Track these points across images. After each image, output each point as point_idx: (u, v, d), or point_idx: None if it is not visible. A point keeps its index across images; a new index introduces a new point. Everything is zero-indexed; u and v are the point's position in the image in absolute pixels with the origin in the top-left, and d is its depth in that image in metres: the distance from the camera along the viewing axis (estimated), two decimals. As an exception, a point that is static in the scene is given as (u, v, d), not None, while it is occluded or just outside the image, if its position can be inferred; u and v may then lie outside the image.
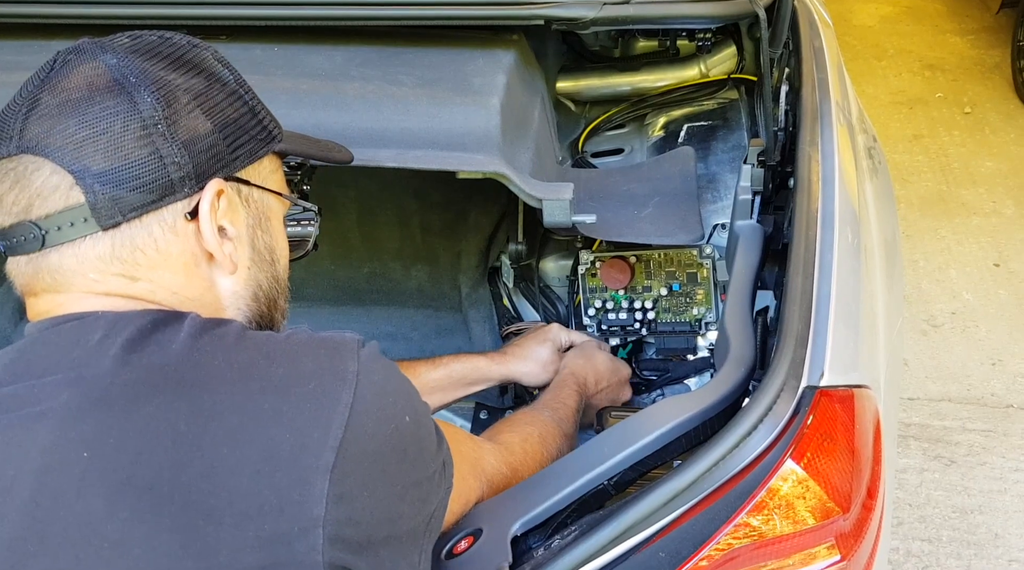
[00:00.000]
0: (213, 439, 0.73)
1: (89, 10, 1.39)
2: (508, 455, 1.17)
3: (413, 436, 0.82)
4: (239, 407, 0.75)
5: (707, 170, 1.74)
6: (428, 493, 0.84)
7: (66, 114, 0.80)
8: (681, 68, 1.88)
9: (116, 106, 0.80)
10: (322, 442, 0.74)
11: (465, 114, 1.32)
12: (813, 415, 0.91)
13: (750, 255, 1.27)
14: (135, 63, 0.83)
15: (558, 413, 1.32)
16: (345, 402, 0.76)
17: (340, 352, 0.80)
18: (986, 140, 4.38)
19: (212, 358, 0.77)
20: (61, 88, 0.81)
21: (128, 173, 0.80)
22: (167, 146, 0.82)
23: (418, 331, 1.87)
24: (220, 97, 0.87)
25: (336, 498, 0.73)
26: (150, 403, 0.74)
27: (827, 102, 1.41)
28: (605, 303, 1.65)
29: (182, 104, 0.83)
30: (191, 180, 0.83)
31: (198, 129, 0.84)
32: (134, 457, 0.72)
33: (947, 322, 3.24)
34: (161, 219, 0.83)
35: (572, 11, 1.40)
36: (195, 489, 0.71)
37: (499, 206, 1.72)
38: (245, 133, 0.89)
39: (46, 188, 0.80)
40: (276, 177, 0.95)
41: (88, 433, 0.74)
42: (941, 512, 2.52)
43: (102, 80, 0.81)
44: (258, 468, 0.72)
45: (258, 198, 0.91)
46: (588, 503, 0.99)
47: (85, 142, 0.79)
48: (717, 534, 0.88)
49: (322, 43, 1.43)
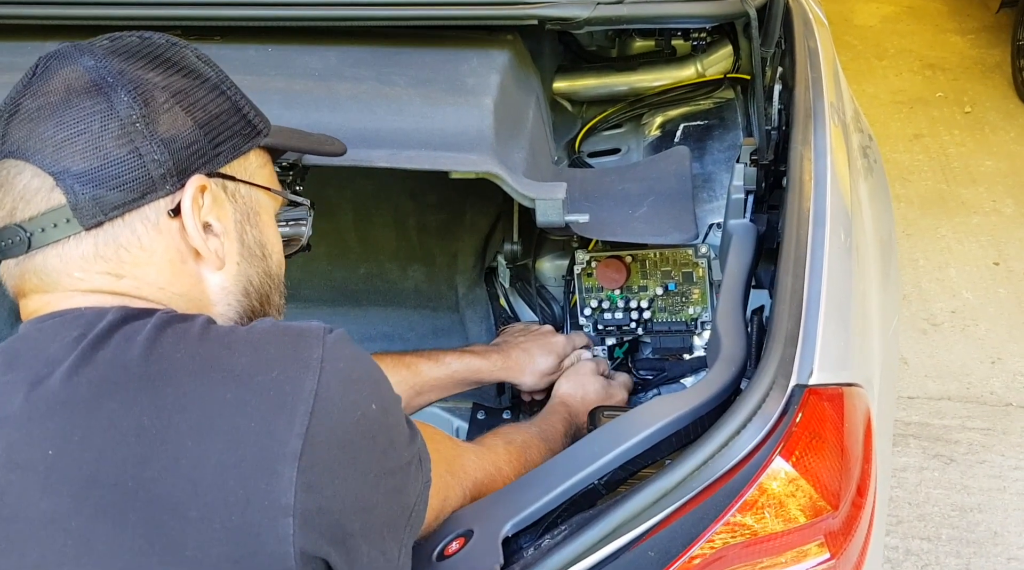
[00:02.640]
0: (177, 432, 0.73)
1: (81, 11, 1.40)
2: (490, 455, 1.16)
3: (381, 424, 0.81)
4: (201, 399, 0.74)
5: (703, 169, 1.74)
6: (403, 484, 0.83)
7: (45, 117, 0.81)
8: (677, 68, 1.88)
9: (93, 107, 0.81)
10: (287, 430, 0.73)
11: (458, 114, 1.32)
12: (802, 413, 0.91)
13: (743, 254, 1.27)
14: (112, 64, 0.84)
15: (545, 432, 1.32)
16: (309, 389, 0.75)
17: (304, 339, 0.79)
18: (986, 139, 4.38)
19: (174, 351, 0.77)
20: (41, 92, 0.82)
21: (108, 172, 0.81)
22: (146, 144, 0.82)
23: (415, 331, 1.87)
24: (200, 94, 0.87)
25: (305, 486, 0.72)
26: (113, 399, 0.74)
27: (820, 101, 1.41)
28: (601, 303, 1.65)
29: (160, 102, 0.84)
30: (172, 177, 0.84)
31: (178, 126, 0.84)
32: (98, 454, 0.72)
33: (947, 321, 3.24)
34: (144, 217, 0.83)
35: (565, 11, 1.40)
36: (160, 483, 0.71)
37: (495, 206, 1.72)
38: (228, 128, 0.89)
39: (28, 191, 0.81)
40: (264, 172, 0.95)
41: (53, 431, 0.74)
42: (940, 510, 2.52)
43: (80, 82, 0.82)
44: (222, 459, 0.72)
45: (245, 193, 0.91)
46: (579, 503, 0.99)
47: (64, 143, 0.80)
48: (706, 532, 0.88)
49: (316, 43, 1.43)
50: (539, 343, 1.55)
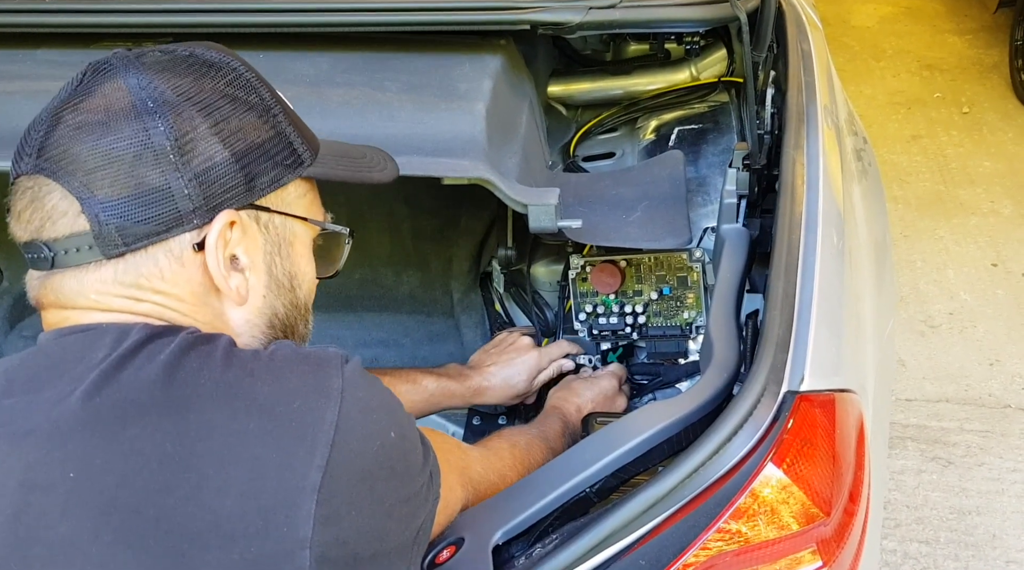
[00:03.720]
0: (200, 460, 0.72)
1: (70, 19, 1.40)
2: (496, 461, 1.16)
3: (399, 451, 0.81)
4: (225, 427, 0.74)
5: (697, 173, 1.73)
6: (416, 508, 0.83)
7: (81, 138, 0.80)
8: (672, 71, 1.88)
9: (130, 133, 0.80)
10: (308, 462, 0.73)
11: (450, 120, 1.32)
12: (793, 420, 0.91)
13: (735, 259, 1.27)
14: (157, 85, 0.81)
15: (544, 432, 1.32)
16: (330, 420, 0.75)
17: (324, 369, 0.79)
18: (984, 140, 4.38)
19: (198, 377, 0.76)
20: (82, 108, 0.81)
21: (135, 204, 0.80)
22: (178, 178, 0.80)
23: (410, 337, 1.87)
24: (244, 121, 0.84)
25: (323, 519, 0.72)
26: (136, 424, 0.74)
27: (813, 104, 1.41)
28: (596, 308, 1.65)
29: (199, 132, 0.81)
30: (201, 211, 0.82)
31: (214, 158, 0.82)
32: (120, 479, 0.72)
33: (945, 322, 3.24)
34: (168, 250, 0.82)
35: (558, 16, 1.40)
36: (181, 512, 0.71)
37: (489, 211, 1.72)
38: (269, 159, 0.86)
39: (55, 212, 0.80)
40: (304, 201, 0.92)
41: (75, 453, 0.73)
42: (939, 513, 2.51)
43: (120, 103, 0.81)
44: (244, 489, 0.72)
45: (279, 224, 0.88)
46: (571, 511, 0.99)
47: (95, 170, 0.79)
48: (697, 540, 0.87)
49: (307, 50, 1.43)
50: (511, 363, 1.56)
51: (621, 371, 1.59)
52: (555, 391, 1.53)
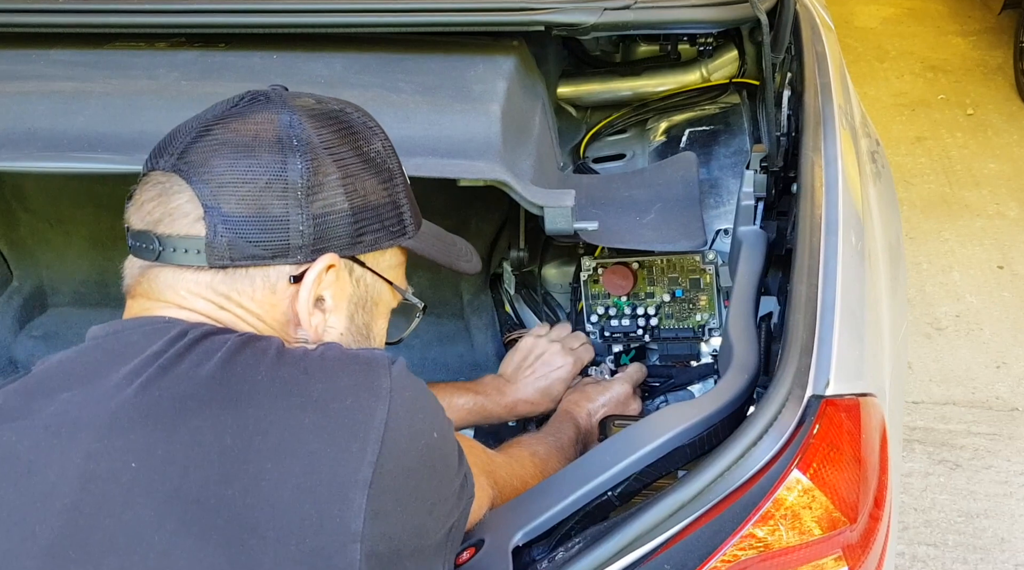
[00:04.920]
0: (258, 453, 0.75)
1: (85, 19, 1.39)
2: (519, 468, 1.18)
3: (440, 452, 0.84)
4: (282, 422, 0.76)
5: (709, 175, 1.73)
6: (454, 507, 0.86)
7: (224, 153, 0.85)
8: (683, 72, 1.87)
9: (269, 162, 0.85)
10: (360, 457, 0.75)
11: (465, 121, 1.31)
12: (819, 424, 0.90)
13: (753, 261, 1.26)
14: (304, 127, 0.87)
15: (560, 440, 1.34)
16: (380, 418, 0.77)
17: (373, 368, 0.82)
18: (989, 142, 4.37)
19: (254, 372, 0.79)
20: (233, 128, 0.86)
21: (253, 225, 0.84)
22: (298, 213, 0.85)
23: (419, 338, 1.86)
24: (368, 181, 0.90)
25: (373, 514, 0.74)
26: (197, 416, 0.76)
27: (830, 106, 1.40)
28: (608, 310, 1.64)
29: (329, 179, 0.87)
30: (307, 250, 0.86)
31: (334, 206, 0.87)
32: (182, 470, 0.74)
33: (951, 325, 3.23)
34: (266, 275, 0.87)
35: (572, 17, 1.39)
36: (240, 503, 0.73)
37: (500, 212, 1.71)
38: (378, 221, 0.91)
39: (179, 211, 0.85)
40: (397, 269, 0.98)
41: (136, 443, 0.76)
42: (947, 516, 2.51)
43: (269, 134, 0.86)
44: (300, 482, 0.74)
45: (370, 282, 0.94)
46: (592, 515, 0.98)
47: (229, 185, 0.84)
48: (723, 546, 0.87)
49: (321, 51, 1.43)
50: (548, 376, 1.53)
51: (639, 373, 1.58)
52: (568, 394, 1.52)
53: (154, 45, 1.45)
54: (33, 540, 0.74)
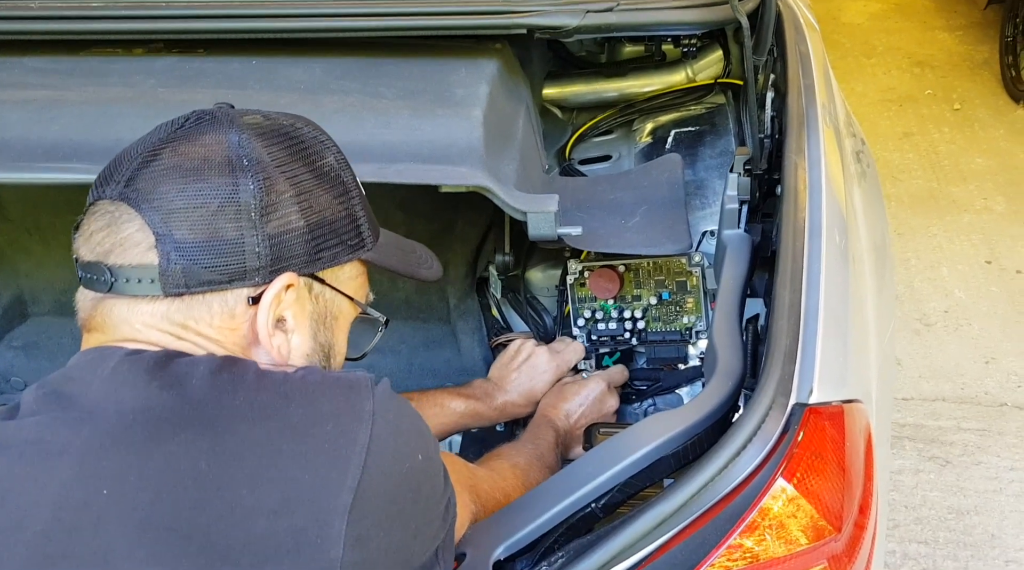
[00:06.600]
0: (233, 480, 0.73)
1: (65, 26, 1.37)
2: (501, 481, 1.17)
3: (425, 474, 0.83)
4: (259, 448, 0.75)
5: (695, 176, 1.72)
6: (438, 530, 0.85)
7: (173, 179, 0.82)
8: (668, 73, 1.86)
9: (220, 185, 0.82)
10: (340, 483, 0.74)
11: (447, 126, 1.30)
12: (803, 433, 0.89)
13: (738, 265, 1.25)
14: (254, 146, 0.85)
15: (539, 448, 1.33)
16: (362, 443, 0.76)
17: (356, 391, 0.80)
18: (976, 136, 4.38)
19: (232, 397, 0.78)
20: (181, 151, 0.84)
21: (207, 251, 0.82)
22: (253, 236, 0.83)
23: (406, 344, 1.85)
24: (323, 197, 0.88)
25: (353, 540, 0.73)
26: (171, 441, 0.75)
27: (813, 107, 1.40)
28: (594, 313, 1.63)
29: (283, 198, 0.85)
30: (265, 271, 0.85)
31: (289, 225, 0.85)
32: (154, 496, 0.73)
33: (939, 321, 3.23)
34: (223, 299, 0.85)
35: (555, 20, 1.38)
36: (213, 530, 0.72)
37: (485, 216, 1.70)
38: (336, 237, 0.89)
39: (129, 241, 0.82)
40: (356, 282, 0.95)
41: (108, 470, 0.74)
42: (937, 513, 2.51)
43: (217, 155, 0.84)
44: (276, 509, 0.73)
45: (329, 298, 0.92)
46: (576, 527, 0.97)
47: (178, 210, 0.82)
48: (709, 557, 0.86)
49: (301, 55, 1.41)
50: (533, 378, 1.55)
51: (619, 374, 1.58)
52: (545, 398, 1.52)
53: (131, 51, 1.43)
54: (3, 568, 0.72)
